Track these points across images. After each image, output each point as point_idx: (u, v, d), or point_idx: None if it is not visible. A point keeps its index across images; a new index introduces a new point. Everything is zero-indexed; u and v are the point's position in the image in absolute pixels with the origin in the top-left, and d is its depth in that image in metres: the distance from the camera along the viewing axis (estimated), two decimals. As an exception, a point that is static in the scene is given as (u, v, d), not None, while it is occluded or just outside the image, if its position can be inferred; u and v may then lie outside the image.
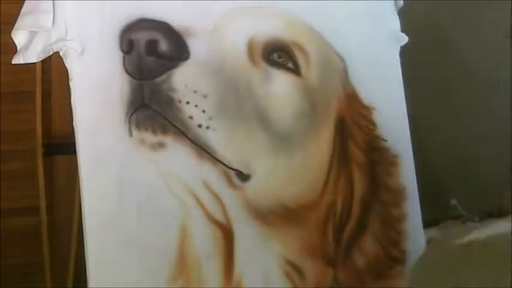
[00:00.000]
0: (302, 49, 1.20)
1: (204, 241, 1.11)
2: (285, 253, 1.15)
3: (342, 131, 1.21)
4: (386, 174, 1.24)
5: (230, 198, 1.12)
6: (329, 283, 1.17)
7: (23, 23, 1.09)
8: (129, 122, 1.09)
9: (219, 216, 1.11)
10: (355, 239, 1.20)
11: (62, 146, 1.69)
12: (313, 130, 1.18)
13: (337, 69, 1.23)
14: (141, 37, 1.10)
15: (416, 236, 1.24)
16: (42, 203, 1.70)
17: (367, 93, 1.24)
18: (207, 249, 1.10)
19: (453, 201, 1.91)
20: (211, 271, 1.10)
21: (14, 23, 1.09)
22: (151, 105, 1.09)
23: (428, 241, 0.67)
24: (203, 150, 1.10)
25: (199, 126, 1.10)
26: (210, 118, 1.11)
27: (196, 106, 1.10)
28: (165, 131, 1.09)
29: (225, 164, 1.12)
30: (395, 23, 1.31)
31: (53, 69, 1.69)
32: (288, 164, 1.17)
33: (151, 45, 1.10)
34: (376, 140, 1.24)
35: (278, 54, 1.18)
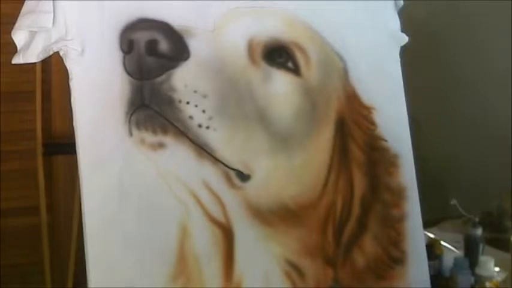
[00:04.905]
0: (302, 49, 1.20)
1: (204, 241, 1.10)
2: (285, 253, 1.15)
3: (342, 131, 1.21)
4: (387, 174, 1.24)
5: (230, 198, 1.12)
6: (329, 283, 1.17)
7: (23, 23, 1.09)
8: (129, 122, 1.09)
9: (219, 216, 1.11)
10: (355, 239, 1.20)
11: (62, 146, 1.70)
12: (313, 130, 1.18)
13: (337, 69, 1.23)
14: (141, 37, 1.10)
15: (416, 236, 1.24)
16: (42, 203, 1.71)
17: (367, 93, 1.24)
18: (207, 249, 1.10)
19: (453, 201, 1.91)
20: (211, 271, 1.10)
21: (14, 23, 1.09)
22: (151, 105, 1.09)
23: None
24: (203, 150, 1.10)
25: (199, 126, 1.10)
26: (210, 118, 1.11)
27: (196, 106, 1.10)
28: (165, 131, 1.09)
29: (225, 164, 1.12)
30: (396, 23, 1.31)
31: (53, 69, 1.70)
32: (288, 164, 1.17)
33: (152, 45, 1.10)
34: (376, 140, 1.24)
35: (278, 54, 1.18)
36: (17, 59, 1.10)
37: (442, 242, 1.73)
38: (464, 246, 1.75)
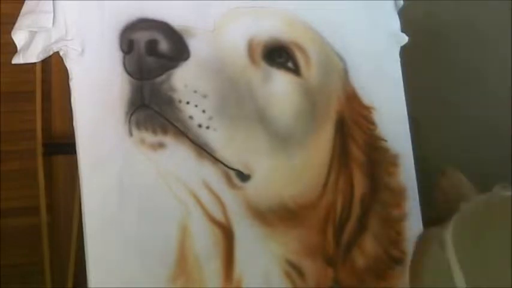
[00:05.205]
0: (302, 49, 1.20)
1: (204, 241, 1.11)
2: (285, 253, 1.15)
3: (342, 131, 1.21)
4: (387, 174, 1.24)
5: (230, 198, 1.12)
6: (329, 283, 1.17)
7: (23, 23, 1.09)
8: (129, 122, 1.09)
9: (219, 216, 1.11)
10: (355, 239, 1.20)
11: (62, 146, 1.70)
12: (313, 130, 1.18)
13: (337, 69, 1.23)
14: (141, 37, 1.10)
15: (416, 236, 1.24)
16: (42, 203, 1.71)
17: (367, 93, 1.24)
18: (207, 249, 1.10)
19: (453, 201, 1.91)
20: (211, 271, 1.10)
21: (14, 23, 1.09)
22: (151, 105, 1.09)
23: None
24: (203, 150, 1.10)
25: (199, 126, 1.10)
26: (210, 118, 1.11)
27: (196, 106, 1.10)
28: (165, 131, 1.09)
29: (225, 164, 1.12)
30: (396, 23, 1.31)
31: (53, 69, 1.70)
32: (288, 164, 1.17)
33: (152, 45, 1.10)
34: (376, 140, 1.24)
35: (278, 54, 1.18)
36: (17, 59, 1.10)
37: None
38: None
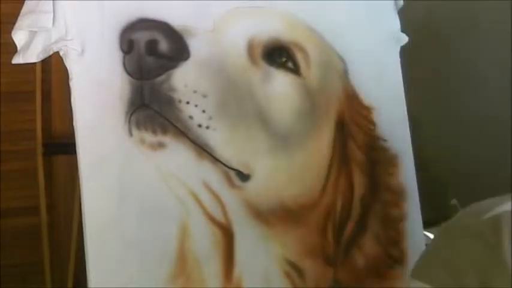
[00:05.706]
0: (302, 49, 1.20)
1: (204, 241, 1.10)
2: (285, 253, 1.15)
3: (342, 131, 1.21)
4: (387, 174, 1.24)
5: (230, 198, 1.12)
6: (329, 283, 1.17)
7: (23, 23, 1.09)
8: (129, 122, 1.09)
9: (218, 216, 1.11)
10: (355, 239, 1.20)
11: (62, 146, 1.70)
12: (313, 130, 1.18)
13: (337, 69, 1.23)
14: (141, 37, 1.10)
15: (416, 236, 1.24)
16: (42, 203, 1.71)
17: (367, 93, 1.24)
18: (207, 249, 1.10)
19: (453, 201, 1.91)
20: (211, 271, 1.10)
21: (14, 23, 1.09)
22: (151, 105, 1.09)
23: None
24: (203, 150, 1.10)
25: (199, 126, 1.10)
26: (210, 118, 1.11)
27: (196, 106, 1.10)
28: (165, 131, 1.09)
29: (224, 164, 1.12)
30: (395, 23, 1.31)
31: (53, 69, 1.70)
32: (288, 164, 1.17)
33: (152, 45, 1.10)
34: (376, 140, 1.24)
35: (278, 54, 1.18)
36: (17, 59, 1.10)
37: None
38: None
